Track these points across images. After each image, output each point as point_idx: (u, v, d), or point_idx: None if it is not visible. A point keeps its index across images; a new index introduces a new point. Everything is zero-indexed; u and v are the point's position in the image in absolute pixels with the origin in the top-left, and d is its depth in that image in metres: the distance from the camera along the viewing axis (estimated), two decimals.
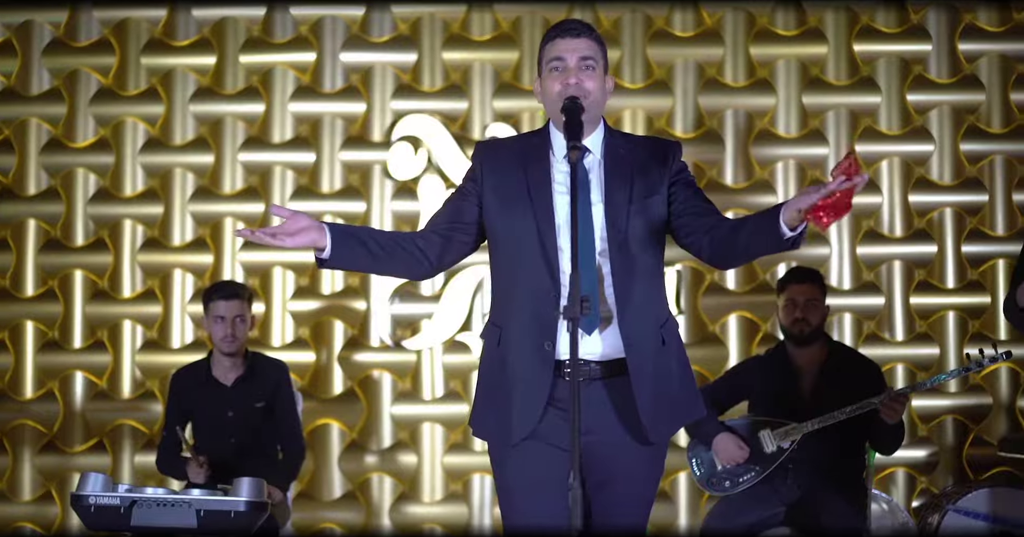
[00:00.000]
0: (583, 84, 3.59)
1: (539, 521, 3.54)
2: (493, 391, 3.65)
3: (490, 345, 3.67)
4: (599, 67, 3.64)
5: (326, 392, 6.85)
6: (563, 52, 3.63)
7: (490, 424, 3.66)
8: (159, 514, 4.52)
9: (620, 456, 3.59)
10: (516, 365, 3.57)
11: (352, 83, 7.02)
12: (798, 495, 5.67)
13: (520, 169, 3.64)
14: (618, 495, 3.61)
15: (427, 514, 6.81)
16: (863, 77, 7.02)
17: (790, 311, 5.84)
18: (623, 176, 3.63)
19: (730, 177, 6.96)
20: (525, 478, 3.58)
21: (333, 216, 6.88)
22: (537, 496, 3.56)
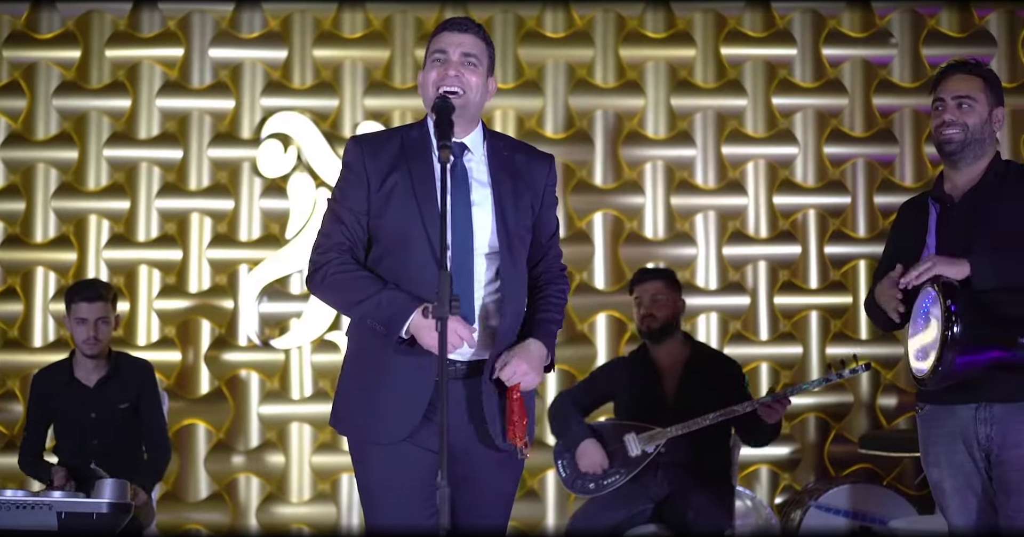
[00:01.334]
0: (463, 77, 3.57)
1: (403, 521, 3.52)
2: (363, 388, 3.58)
3: (366, 343, 3.59)
4: (482, 66, 3.62)
5: (192, 392, 6.77)
6: (447, 45, 3.61)
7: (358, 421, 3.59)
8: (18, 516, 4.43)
9: (475, 458, 3.57)
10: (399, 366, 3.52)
11: (221, 79, 6.94)
12: (666, 492, 5.73)
13: (403, 165, 3.59)
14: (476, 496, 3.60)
15: (295, 514, 6.76)
16: (730, 80, 7.12)
17: (638, 309, 5.96)
18: (509, 180, 3.63)
19: (599, 178, 7.02)
20: (387, 478, 3.54)
21: (200, 214, 6.81)
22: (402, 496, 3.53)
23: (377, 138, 3.75)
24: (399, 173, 3.57)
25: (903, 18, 7.21)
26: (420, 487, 3.50)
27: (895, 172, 7.12)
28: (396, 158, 3.60)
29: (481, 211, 3.57)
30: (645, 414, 5.83)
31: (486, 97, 3.66)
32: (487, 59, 3.65)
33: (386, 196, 3.57)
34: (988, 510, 4.03)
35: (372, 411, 3.55)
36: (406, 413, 3.51)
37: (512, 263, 3.57)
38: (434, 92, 3.56)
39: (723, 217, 7.03)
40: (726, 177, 7.07)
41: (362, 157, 3.62)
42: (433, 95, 3.56)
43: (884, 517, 6.27)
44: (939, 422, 4.08)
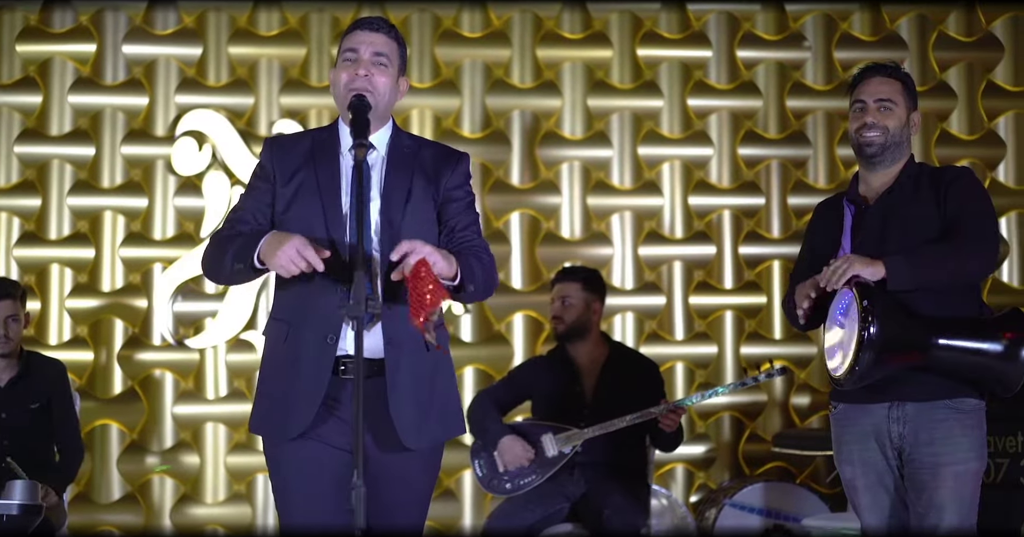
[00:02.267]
0: (373, 78, 3.56)
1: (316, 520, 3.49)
2: (274, 387, 3.58)
3: (275, 341, 3.60)
4: (392, 66, 3.62)
5: (105, 392, 6.69)
6: (358, 44, 3.60)
7: (267, 420, 3.59)
8: None
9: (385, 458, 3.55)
10: (300, 361, 3.52)
11: (135, 76, 6.87)
12: (583, 491, 5.75)
13: (310, 165, 3.59)
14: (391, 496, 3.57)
15: (210, 515, 6.71)
16: (646, 81, 7.16)
17: (551, 309, 5.99)
18: (404, 175, 3.62)
19: (516, 177, 7.03)
20: (302, 477, 3.52)
21: (114, 212, 6.74)
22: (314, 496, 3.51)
23: (290, 138, 3.77)
24: (305, 173, 3.59)
25: (816, 21, 7.29)
26: (332, 485, 3.48)
27: (808, 173, 7.20)
28: (305, 158, 3.61)
29: (374, 207, 3.57)
30: (563, 413, 5.85)
31: (396, 97, 3.66)
32: (398, 59, 3.65)
33: (292, 195, 3.58)
34: (899, 508, 4.09)
35: (273, 407, 3.56)
36: (302, 407, 3.50)
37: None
38: (345, 92, 3.56)
39: (639, 217, 7.07)
40: (642, 178, 7.11)
41: (271, 156, 3.65)
42: (344, 95, 3.56)
43: (797, 515, 6.33)
44: (853, 421, 4.13)
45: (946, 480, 3.96)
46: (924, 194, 4.10)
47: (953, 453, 3.97)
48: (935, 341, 3.93)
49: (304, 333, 3.52)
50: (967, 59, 7.35)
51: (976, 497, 4.01)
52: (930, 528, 3.96)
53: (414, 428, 3.55)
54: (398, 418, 3.52)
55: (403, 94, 3.70)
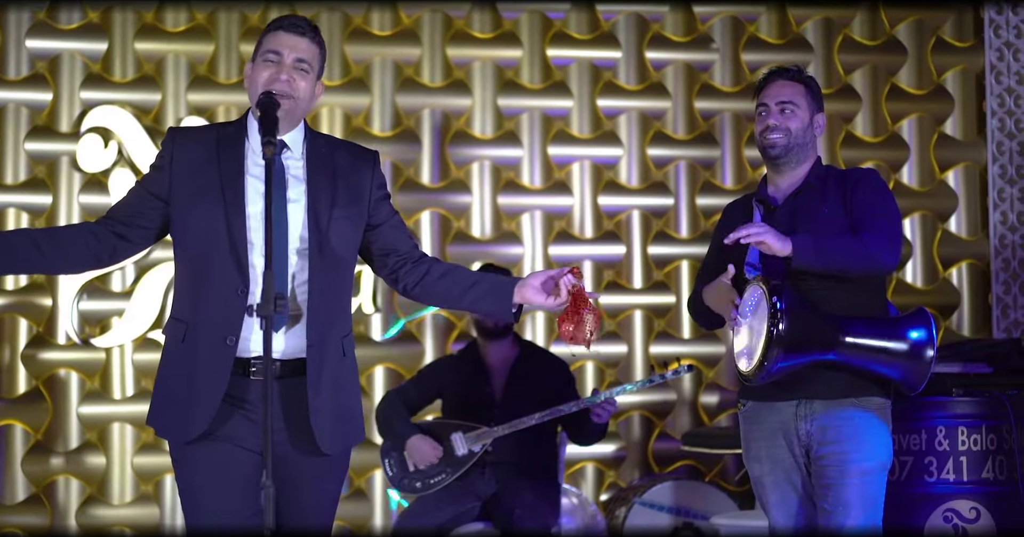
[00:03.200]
0: (295, 82, 3.56)
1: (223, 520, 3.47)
2: (174, 387, 3.55)
3: (173, 340, 3.57)
4: (312, 71, 3.61)
5: (9, 392, 6.59)
6: (282, 47, 3.58)
7: (169, 421, 3.56)
8: None
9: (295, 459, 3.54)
10: (198, 361, 3.49)
11: (38, 71, 6.77)
12: (493, 490, 5.77)
13: (213, 159, 3.56)
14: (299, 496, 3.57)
15: (116, 516, 6.63)
16: (556, 82, 7.19)
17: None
18: (326, 178, 3.61)
19: (427, 177, 7.02)
20: (208, 478, 3.50)
21: (17, 210, 6.64)
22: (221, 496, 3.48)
23: (193, 131, 3.74)
24: (208, 169, 3.55)
25: (724, 23, 7.36)
26: (239, 486, 3.47)
27: (716, 174, 7.27)
28: (208, 153, 3.57)
29: (297, 208, 3.55)
30: (472, 412, 5.86)
31: (314, 101, 3.66)
32: (318, 64, 3.65)
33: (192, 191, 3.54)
34: (807, 505, 4.14)
35: (172, 407, 3.54)
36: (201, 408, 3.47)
37: (322, 258, 3.55)
38: (262, 90, 3.53)
39: (549, 217, 7.10)
40: (552, 178, 7.13)
41: (171, 149, 3.60)
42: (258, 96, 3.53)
43: (707, 513, 6.39)
44: (761, 418, 4.18)
45: (852, 477, 4.02)
46: (831, 195, 4.16)
47: (859, 450, 4.03)
48: (842, 339, 3.99)
49: (202, 333, 3.50)
50: (871, 62, 7.46)
51: (882, 495, 4.08)
52: (836, 526, 4.02)
53: (330, 433, 3.55)
54: (317, 423, 3.51)
55: (319, 97, 3.70)
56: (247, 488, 3.44)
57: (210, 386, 3.47)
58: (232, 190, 3.52)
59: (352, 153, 3.73)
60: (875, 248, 4.02)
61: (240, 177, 3.54)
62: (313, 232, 3.54)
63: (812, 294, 4.02)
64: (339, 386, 3.59)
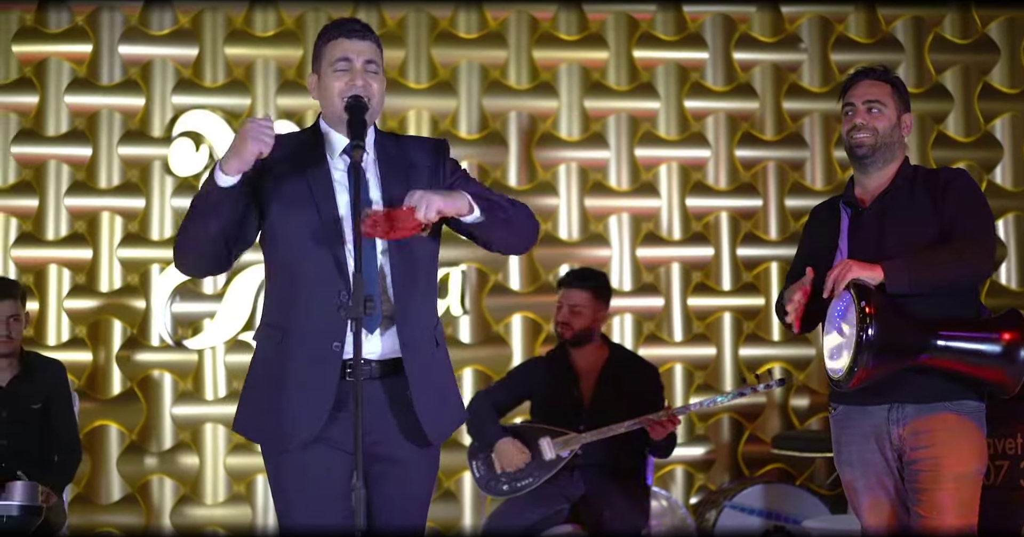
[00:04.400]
0: (370, 86, 3.59)
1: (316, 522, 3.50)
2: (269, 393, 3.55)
3: (268, 347, 3.59)
4: (381, 72, 3.65)
5: (104, 392, 6.69)
6: (349, 53, 3.61)
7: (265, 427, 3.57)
8: None
9: (397, 457, 3.57)
10: (300, 367, 3.51)
11: (131, 76, 6.87)
12: (582, 492, 5.76)
13: (297, 167, 3.59)
14: (396, 496, 3.59)
15: (209, 516, 6.71)
16: (643, 83, 7.17)
17: (557, 312, 6.00)
18: (399, 175, 3.63)
19: (513, 179, 7.04)
20: (301, 479, 3.52)
21: (111, 213, 6.73)
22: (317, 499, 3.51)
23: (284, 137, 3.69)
24: (294, 177, 3.58)
25: (812, 23, 7.31)
26: (334, 488, 3.49)
27: (805, 175, 7.22)
28: (294, 160, 3.61)
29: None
30: (561, 416, 5.85)
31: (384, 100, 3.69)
32: (382, 63, 3.69)
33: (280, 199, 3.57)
34: (900, 509, 4.10)
35: (277, 415, 3.54)
36: (309, 416, 3.49)
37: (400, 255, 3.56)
38: (339, 101, 3.57)
39: (637, 219, 7.08)
40: (639, 179, 7.12)
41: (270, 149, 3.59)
42: (338, 103, 3.57)
43: (797, 517, 6.34)
44: (852, 422, 4.14)
45: (947, 482, 3.97)
46: (920, 196, 4.11)
47: (953, 455, 3.98)
48: (934, 342, 3.94)
49: (304, 339, 3.51)
50: (963, 61, 7.37)
51: (976, 499, 4.03)
52: (930, 530, 3.97)
53: (435, 422, 3.59)
54: (424, 417, 3.55)
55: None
56: (340, 489, 3.45)
57: (318, 392, 3.49)
58: (322, 195, 3.56)
59: (419, 146, 3.76)
60: (969, 257, 3.97)
61: (328, 182, 3.58)
62: None
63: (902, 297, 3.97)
64: (436, 376, 3.63)
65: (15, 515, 4.43)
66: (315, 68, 3.69)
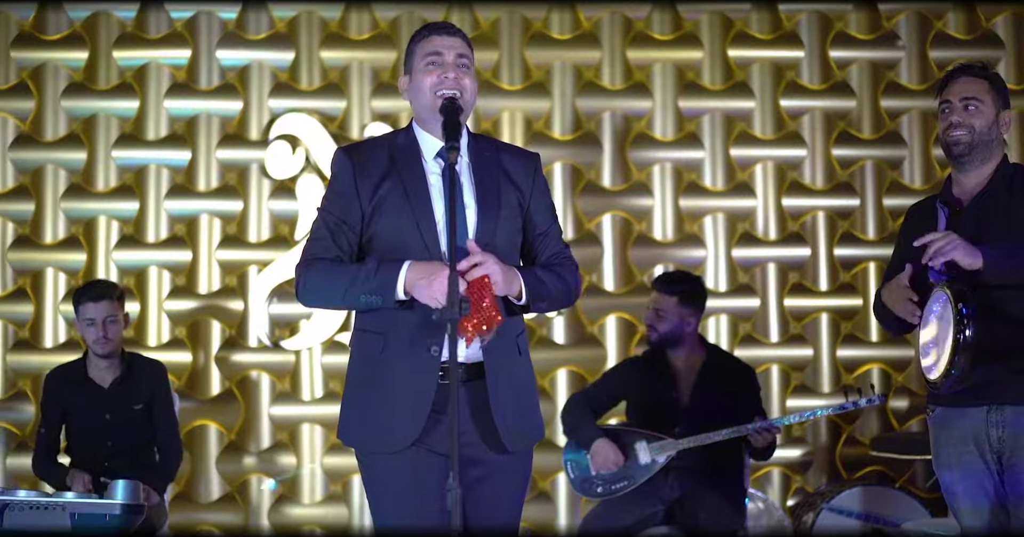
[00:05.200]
0: (462, 80, 3.58)
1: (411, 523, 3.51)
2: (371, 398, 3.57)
3: (368, 353, 3.59)
4: (472, 69, 3.65)
5: (203, 393, 6.77)
6: (441, 47, 3.61)
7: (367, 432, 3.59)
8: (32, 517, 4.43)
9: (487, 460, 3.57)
10: (402, 371, 3.52)
11: (229, 81, 6.95)
12: (678, 494, 5.73)
13: (392, 170, 3.59)
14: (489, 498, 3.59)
15: (307, 515, 6.76)
16: (738, 82, 7.13)
17: (645, 315, 5.99)
18: (492, 181, 3.63)
19: (608, 179, 7.02)
20: (397, 482, 3.54)
21: (210, 216, 6.82)
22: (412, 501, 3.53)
23: (364, 147, 3.75)
24: (390, 181, 3.58)
25: (910, 20, 7.21)
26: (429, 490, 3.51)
27: (903, 174, 7.13)
28: (386, 167, 3.61)
29: (470, 212, 3.58)
30: (657, 418, 5.83)
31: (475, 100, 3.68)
32: (473, 62, 3.68)
33: (378, 206, 3.57)
34: (1000, 513, 4.04)
35: (376, 420, 3.56)
36: (410, 419, 3.51)
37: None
38: (432, 96, 3.57)
39: (732, 219, 7.04)
40: (734, 179, 7.08)
41: (351, 168, 3.62)
42: (431, 99, 3.57)
43: (897, 519, 6.27)
44: (950, 424, 4.08)
45: None
46: (1019, 196, 4.05)
47: None
48: None
49: (403, 344, 3.52)
50: None
51: None
52: None
53: (513, 431, 3.59)
54: (500, 422, 3.55)
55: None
56: (435, 491, 3.47)
57: (418, 396, 3.50)
58: (418, 198, 3.56)
59: (516, 156, 3.75)
60: None
61: (423, 186, 3.58)
62: (482, 234, 3.57)
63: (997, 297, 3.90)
64: (517, 384, 3.62)
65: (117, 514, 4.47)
66: (407, 69, 3.69)
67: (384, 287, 3.46)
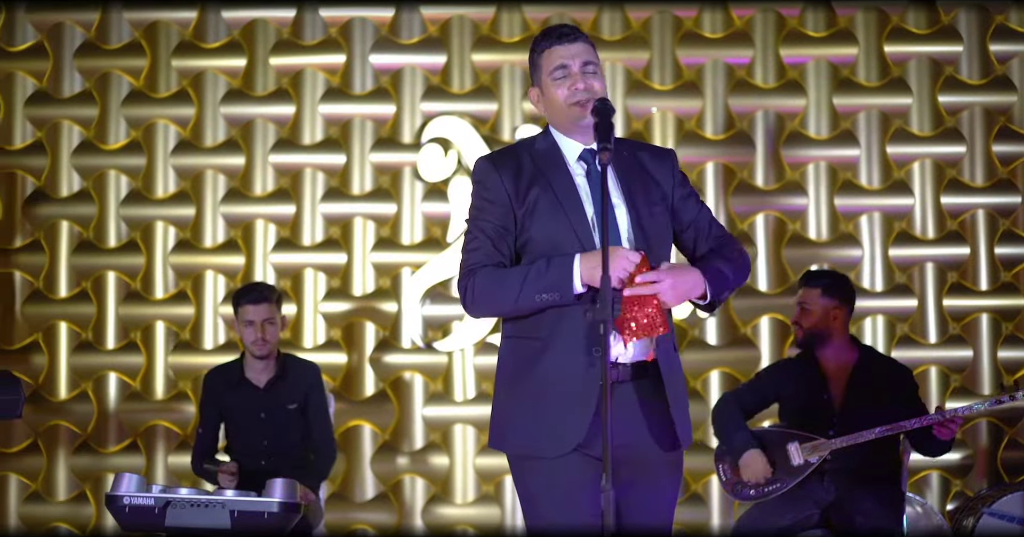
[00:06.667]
0: (592, 87, 3.58)
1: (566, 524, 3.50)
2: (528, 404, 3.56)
3: (526, 359, 3.58)
4: (599, 70, 3.64)
5: (358, 394, 6.86)
6: (565, 59, 3.61)
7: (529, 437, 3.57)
8: (193, 515, 4.54)
9: (646, 460, 3.56)
10: (564, 376, 3.51)
11: (382, 85, 7.03)
12: (833, 497, 5.65)
13: (539, 176, 3.60)
14: (644, 499, 3.58)
15: (460, 515, 6.81)
16: (894, 78, 7.01)
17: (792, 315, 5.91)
18: (639, 180, 3.64)
19: (761, 179, 6.96)
20: (555, 486, 3.53)
21: (364, 218, 6.90)
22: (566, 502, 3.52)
23: (506, 154, 3.74)
24: (538, 186, 3.59)
25: None
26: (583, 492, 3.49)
27: None
28: (531, 172, 3.61)
29: (620, 212, 3.58)
30: (810, 419, 5.74)
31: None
32: (599, 60, 3.68)
33: (530, 211, 3.58)
34: None
35: (539, 426, 3.55)
36: (576, 423, 3.50)
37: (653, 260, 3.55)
38: (567, 108, 3.58)
39: (888, 218, 6.92)
40: (891, 177, 6.95)
41: (499, 176, 3.63)
42: (566, 110, 3.58)
43: None
44: None
45: None
46: None
47: None
48: None
49: (562, 348, 3.52)
50: None
51: None
52: None
53: (683, 427, 3.60)
54: (677, 416, 3.56)
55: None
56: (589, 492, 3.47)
57: (582, 400, 3.50)
58: (570, 201, 3.57)
59: (653, 154, 3.76)
60: None
61: (573, 190, 3.59)
62: (638, 234, 3.57)
63: None
64: (677, 383, 3.63)
65: (275, 511, 4.56)
66: (534, 81, 3.70)
67: (561, 281, 3.46)
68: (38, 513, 6.85)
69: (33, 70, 7.06)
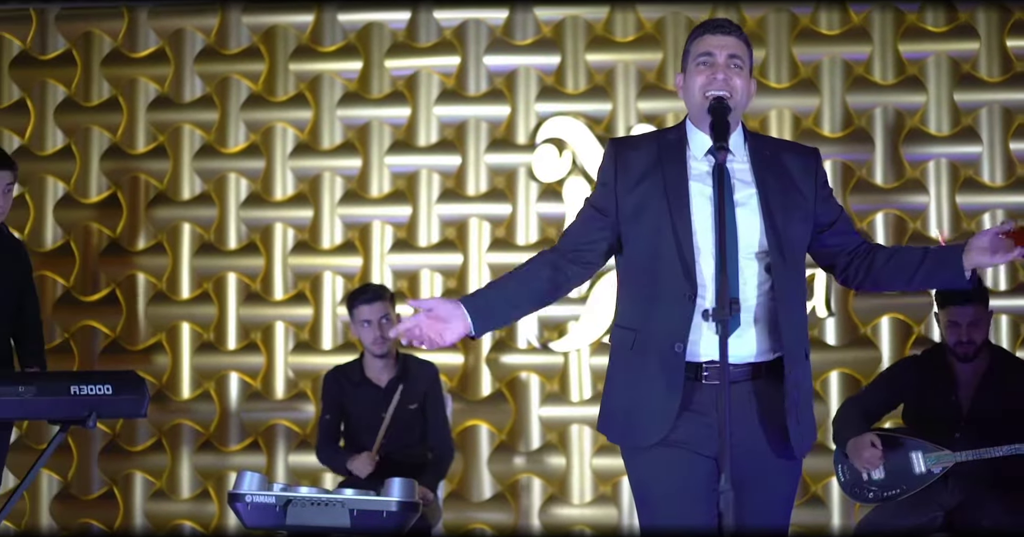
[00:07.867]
0: (731, 81, 3.56)
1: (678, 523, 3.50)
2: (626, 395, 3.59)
3: (622, 348, 3.61)
4: (746, 67, 3.61)
5: (474, 394, 6.89)
6: (712, 48, 3.59)
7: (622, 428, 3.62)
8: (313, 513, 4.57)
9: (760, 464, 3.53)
10: (650, 369, 3.52)
11: (496, 86, 7.05)
12: (958, 500, 5.54)
13: (656, 167, 3.60)
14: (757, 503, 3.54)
15: (577, 516, 6.81)
16: (1016, 73, 6.87)
17: (953, 333, 5.64)
18: (777, 180, 3.60)
19: (880, 177, 6.86)
20: (662, 484, 3.53)
21: (479, 219, 6.93)
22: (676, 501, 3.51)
23: (634, 141, 3.78)
24: (652, 177, 3.59)
25: None
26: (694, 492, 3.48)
27: None
28: (651, 162, 3.61)
29: (746, 211, 3.54)
30: (935, 424, 5.62)
31: (749, 99, 3.65)
32: (749, 60, 3.64)
33: (638, 200, 3.59)
34: None
35: (627, 413, 3.59)
36: (659, 415, 3.51)
37: (783, 261, 3.53)
38: (700, 96, 3.56)
39: (1012, 216, 6.77)
40: (1015, 174, 6.82)
41: (614, 161, 3.65)
42: (700, 99, 3.56)
43: None
44: None
45: None
46: None
47: None
48: None
49: (652, 341, 3.53)
50: None
51: None
52: None
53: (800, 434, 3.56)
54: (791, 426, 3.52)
55: (752, 96, 3.68)
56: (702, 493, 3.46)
57: (665, 395, 3.50)
58: (677, 197, 3.55)
59: (796, 153, 3.72)
60: None
61: (684, 183, 3.57)
62: (771, 235, 3.54)
63: None
64: (803, 388, 3.58)
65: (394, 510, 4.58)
66: (682, 67, 3.70)
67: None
68: (163, 511, 6.98)
69: (155, 75, 7.19)
